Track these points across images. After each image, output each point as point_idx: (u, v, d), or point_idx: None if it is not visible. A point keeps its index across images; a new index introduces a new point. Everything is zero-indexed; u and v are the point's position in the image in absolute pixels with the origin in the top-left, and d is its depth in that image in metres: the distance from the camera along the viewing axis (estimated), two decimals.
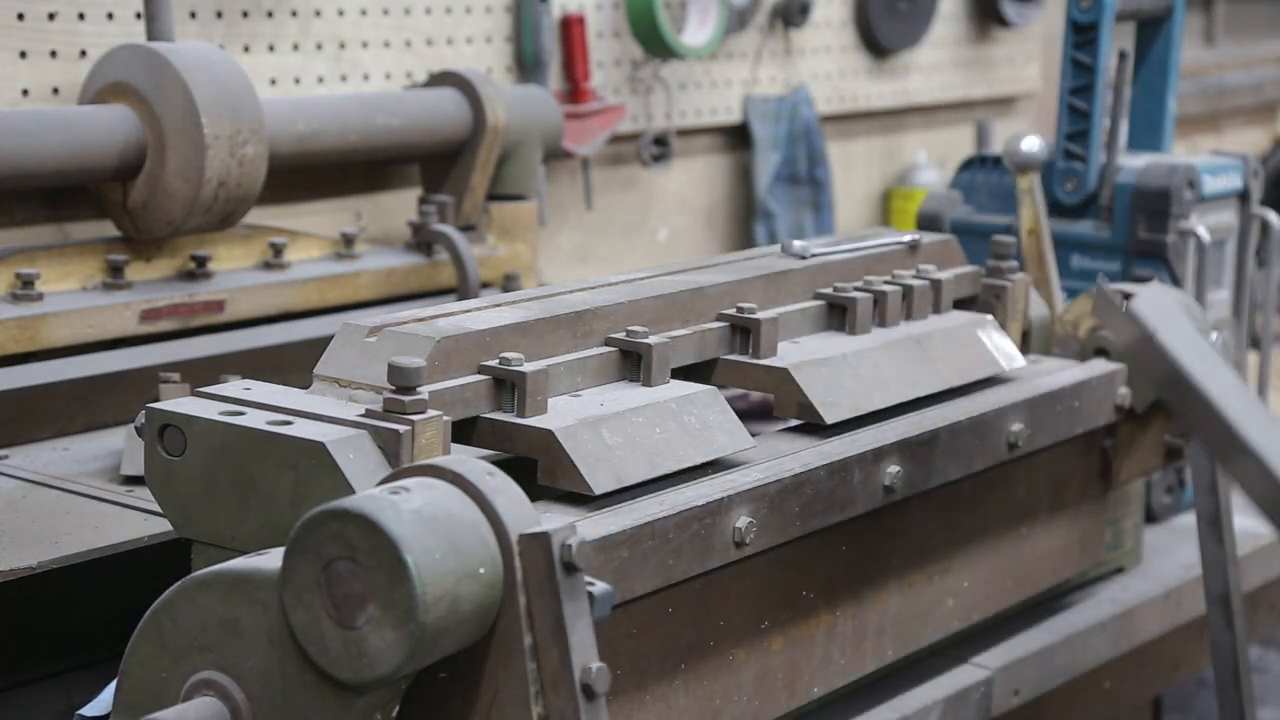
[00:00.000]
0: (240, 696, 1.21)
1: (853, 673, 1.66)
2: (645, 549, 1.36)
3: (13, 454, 1.84)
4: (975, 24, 3.57)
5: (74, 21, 2.19)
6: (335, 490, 1.26)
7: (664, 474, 1.45)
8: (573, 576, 1.18)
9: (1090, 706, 2.05)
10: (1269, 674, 3.69)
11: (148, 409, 1.38)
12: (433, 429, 1.31)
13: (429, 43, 2.60)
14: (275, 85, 2.40)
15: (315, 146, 2.28)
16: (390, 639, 1.13)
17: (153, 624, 1.25)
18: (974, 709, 1.79)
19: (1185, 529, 2.21)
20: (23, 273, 2.02)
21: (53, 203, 2.19)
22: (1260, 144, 4.47)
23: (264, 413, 1.35)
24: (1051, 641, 1.91)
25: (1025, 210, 2.22)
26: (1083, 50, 2.47)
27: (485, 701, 1.20)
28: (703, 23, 2.93)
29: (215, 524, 1.35)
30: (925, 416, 1.68)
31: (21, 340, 1.98)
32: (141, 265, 2.16)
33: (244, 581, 1.21)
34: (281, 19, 2.41)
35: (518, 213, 2.53)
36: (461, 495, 1.18)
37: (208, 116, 2.04)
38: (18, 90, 2.14)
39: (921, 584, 1.72)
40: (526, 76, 2.70)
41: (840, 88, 3.32)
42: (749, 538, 1.45)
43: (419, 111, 2.40)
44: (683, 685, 1.47)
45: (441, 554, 1.13)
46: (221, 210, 2.10)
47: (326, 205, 2.49)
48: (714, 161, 3.17)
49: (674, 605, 1.43)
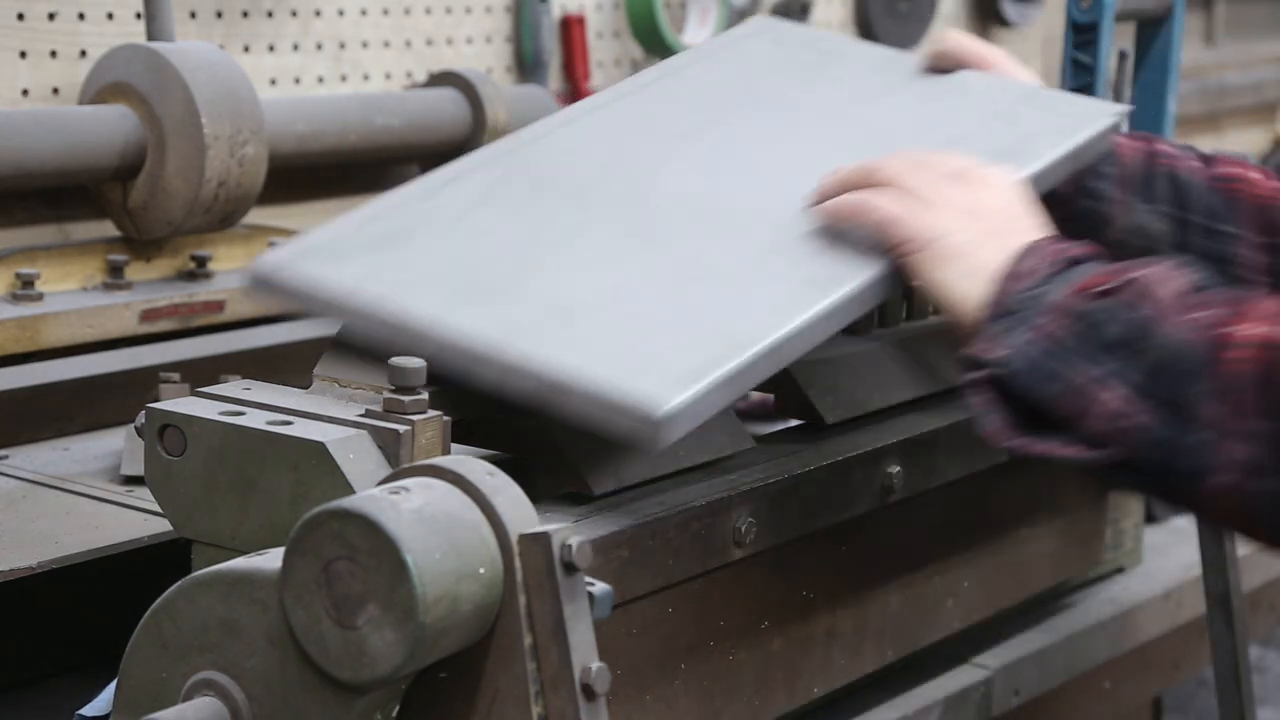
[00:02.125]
0: (240, 696, 1.21)
1: (853, 673, 1.66)
2: (645, 549, 1.36)
3: (13, 454, 1.84)
4: (975, 24, 3.57)
5: (74, 21, 2.19)
6: (335, 490, 1.26)
7: (664, 474, 1.45)
8: (573, 576, 1.18)
9: (1090, 706, 2.05)
10: (1269, 674, 3.69)
11: (148, 409, 1.38)
12: (433, 429, 1.31)
13: (429, 43, 2.60)
14: (275, 85, 2.40)
15: (315, 146, 2.28)
16: (390, 639, 1.13)
17: (153, 624, 1.25)
18: (974, 709, 1.79)
19: (1185, 529, 2.21)
20: (23, 273, 2.02)
21: (53, 203, 2.19)
22: (1260, 144, 4.47)
23: (264, 413, 1.35)
24: (1051, 641, 1.91)
25: None
26: (1083, 50, 2.47)
27: (485, 701, 1.20)
28: (703, 23, 2.93)
29: (215, 524, 1.34)
30: (925, 416, 1.68)
31: (21, 340, 1.98)
32: (141, 265, 2.16)
33: (244, 581, 1.21)
34: (281, 19, 2.41)
35: None
36: (461, 495, 1.18)
37: (208, 116, 2.04)
38: (18, 90, 2.14)
39: (921, 584, 1.72)
40: (526, 76, 2.70)
41: None
42: (749, 538, 1.45)
43: (419, 111, 2.40)
44: (683, 685, 1.47)
45: (441, 554, 1.13)
46: (221, 210, 2.11)
47: (326, 205, 2.49)
48: None
49: (674, 605, 1.43)
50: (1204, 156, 1.73)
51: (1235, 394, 1.21)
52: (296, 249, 1.46)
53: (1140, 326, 1.27)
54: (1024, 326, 1.31)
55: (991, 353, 1.32)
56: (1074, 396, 1.28)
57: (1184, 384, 1.23)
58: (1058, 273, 1.34)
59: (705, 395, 1.31)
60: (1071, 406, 1.28)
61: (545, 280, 1.43)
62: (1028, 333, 1.31)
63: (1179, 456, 1.24)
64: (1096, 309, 1.29)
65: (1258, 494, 1.21)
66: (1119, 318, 1.27)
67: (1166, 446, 1.24)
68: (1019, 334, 1.31)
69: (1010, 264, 1.36)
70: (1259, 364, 1.21)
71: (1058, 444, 1.30)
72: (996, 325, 1.33)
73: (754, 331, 1.37)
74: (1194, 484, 1.24)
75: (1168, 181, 1.70)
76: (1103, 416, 1.26)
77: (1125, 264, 1.33)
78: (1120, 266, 1.33)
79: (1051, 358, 1.29)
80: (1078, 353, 1.28)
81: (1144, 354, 1.25)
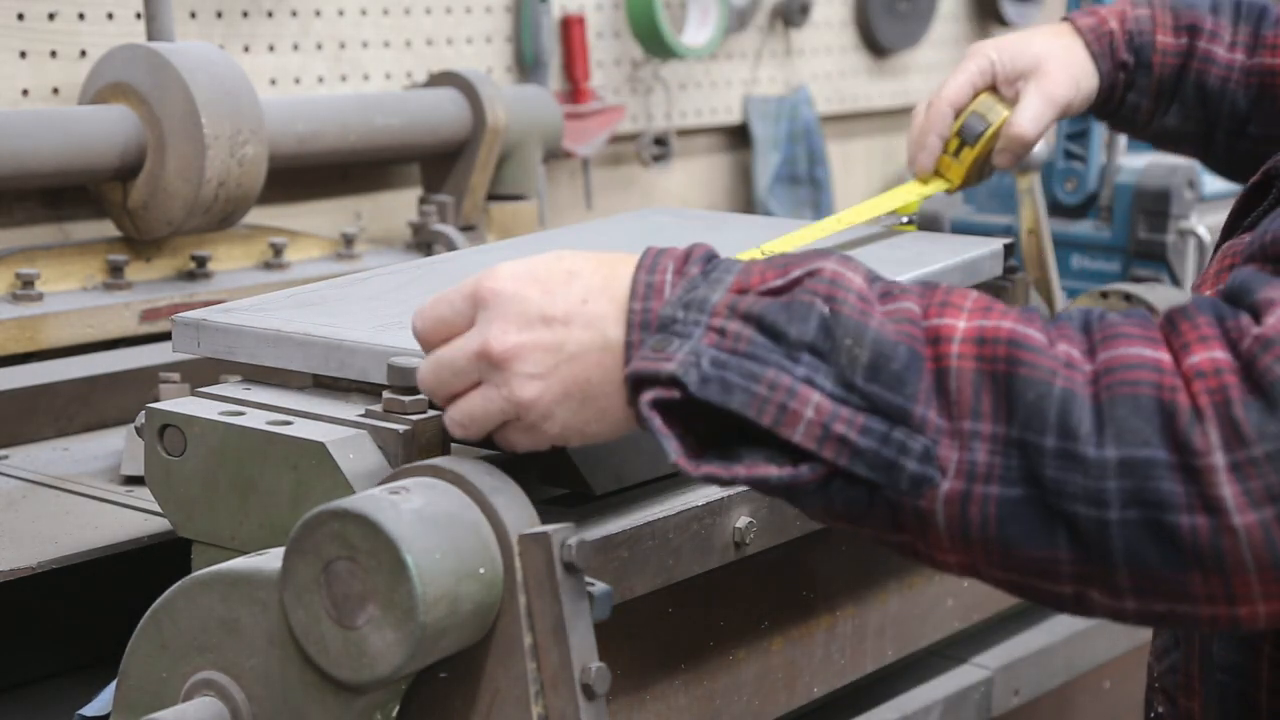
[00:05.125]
0: (240, 696, 1.21)
1: (853, 673, 1.66)
2: (645, 549, 1.36)
3: (13, 454, 1.84)
4: (975, 24, 3.57)
5: (74, 21, 2.19)
6: (335, 490, 1.26)
7: (664, 474, 1.45)
8: (573, 577, 1.18)
9: (1090, 706, 2.05)
10: None
11: (148, 409, 1.38)
12: (433, 429, 1.31)
13: (429, 43, 2.60)
14: (275, 85, 2.40)
15: (315, 146, 2.28)
16: (390, 639, 1.13)
17: (153, 624, 1.25)
18: (974, 709, 1.79)
19: None
20: (23, 273, 2.02)
21: (53, 203, 2.19)
22: None
23: (264, 413, 1.35)
24: (1051, 641, 1.91)
25: (1025, 210, 2.23)
26: None
27: (485, 701, 1.20)
28: (703, 23, 2.93)
29: (215, 524, 1.34)
30: None
31: (21, 340, 1.98)
32: (141, 265, 2.16)
33: (244, 581, 1.21)
34: (281, 19, 2.41)
35: (518, 213, 2.53)
36: (461, 495, 1.18)
37: (208, 116, 2.04)
38: (18, 90, 2.14)
39: (921, 584, 1.72)
40: (526, 76, 2.71)
41: (840, 88, 3.32)
42: (749, 538, 1.45)
43: (419, 111, 2.40)
44: (683, 685, 1.47)
45: (441, 554, 1.13)
46: (221, 210, 2.11)
47: (326, 205, 2.49)
48: (714, 161, 3.17)
49: (674, 605, 1.43)
50: (1257, 39, 1.80)
51: (957, 396, 1.05)
52: (219, 308, 1.52)
53: (835, 324, 1.08)
54: (687, 336, 1.11)
55: (657, 367, 1.10)
56: (762, 405, 1.07)
57: (894, 386, 1.06)
58: (702, 273, 1.14)
59: None
60: (771, 415, 1.07)
61: None
62: (695, 342, 1.10)
63: (898, 466, 1.05)
64: (775, 307, 1.09)
65: (985, 501, 1.05)
66: (807, 316, 1.08)
67: (882, 457, 1.05)
68: (683, 344, 1.10)
69: (634, 282, 1.16)
70: (981, 360, 1.05)
71: (760, 464, 1.08)
72: (652, 340, 1.12)
73: None
74: (912, 497, 1.06)
75: (1195, 90, 1.80)
76: (811, 423, 1.06)
77: (784, 256, 1.14)
78: (781, 259, 1.14)
79: (729, 366, 1.08)
80: (758, 357, 1.08)
81: (843, 354, 1.07)
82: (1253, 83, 1.79)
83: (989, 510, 1.05)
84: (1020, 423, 1.04)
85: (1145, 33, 1.81)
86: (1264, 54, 1.79)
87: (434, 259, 1.78)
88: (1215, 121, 1.81)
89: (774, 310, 1.09)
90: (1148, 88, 1.80)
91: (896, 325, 1.07)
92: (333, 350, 1.40)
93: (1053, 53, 1.80)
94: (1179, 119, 1.82)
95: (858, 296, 1.09)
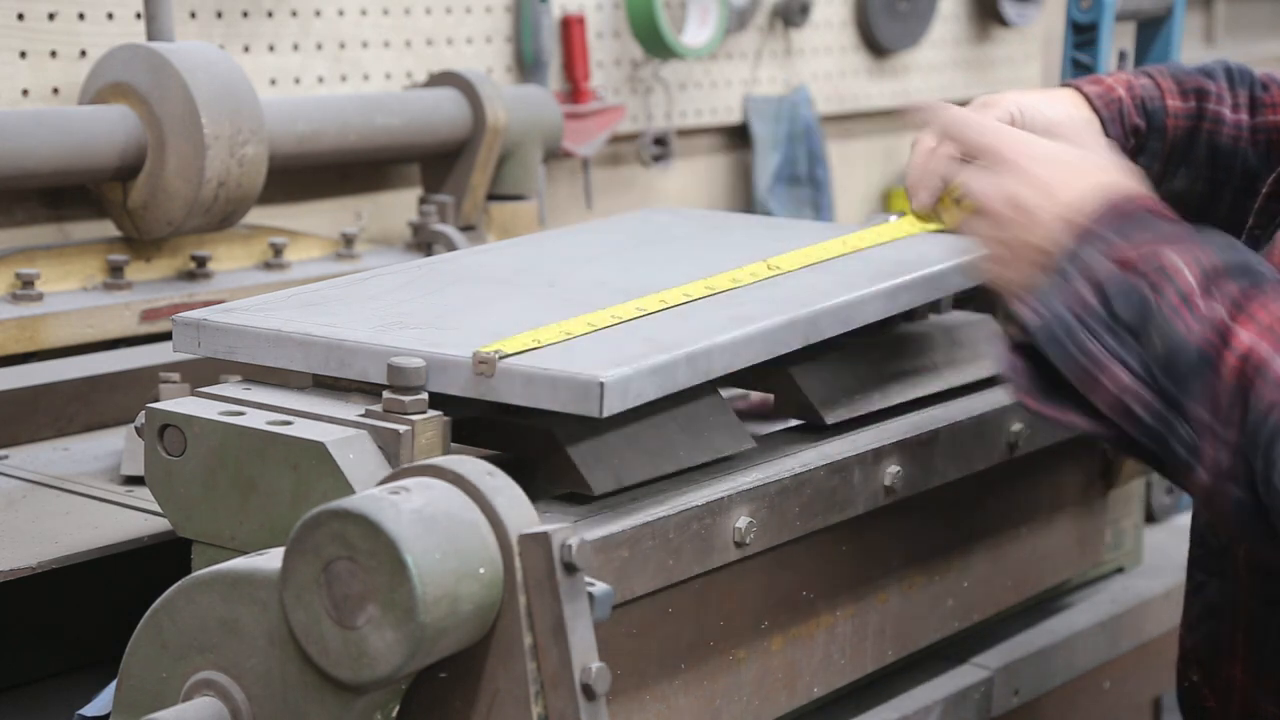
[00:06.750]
0: (240, 696, 1.21)
1: (853, 673, 1.66)
2: (645, 549, 1.36)
3: (13, 454, 1.84)
4: (975, 24, 3.57)
5: (74, 21, 2.19)
6: (335, 490, 1.26)
7: (664, 474, 1.45)
8: (573, 576, 1.18)
9: (1090, 706, 2.05)
10: None
11: (148, 409, 1.38)
12: (433, 429, 1.31)
13: (429, 43, 2.60)
14: (275, 85, 2.40)
15: (315, 146, 2.28)
16: (390, 639, 1.13)
17: (153, 624, 1.25)
18: (974, 709, 1.79)
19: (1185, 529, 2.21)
20: (23, 273, 2.02)
21: (53, 203, 2.19)
22: None
23: (264, 413, 1.35)
24: (1051, 641, 1.91)
25: None
26: (1083, 50, 2.47)
27: (485, 701, 1.20)
28: (703, 23, 2.93)
29: (215, 524, 1.35)
30: (925, 416, 1.68)
31: (21, 340, 1.98)
32: (141, 265, 2.16)
33: (244, 581, 1.21)
34: (281, 19, 2.41)
35: (518, 213, 2.53)
36: (461, 495, 1.19)
37: (208, 116, 2.04)
38: (18, 90, 2.14)
39: (921, 584, 1.72)
40: (526, 76, 2.71)
41: (840, 88, 3.32)
42: (749, 538, 1.45)
43: (419, 111, 2.40)
44: (683, 685, 1.47)
45: (441, 554, 1.13)
46: (221, 210, 2.11)
47: (326, 205, 2.49)
48: (714, 161, 3.17)
49: (674, 605, 1.43)
50: (1254, 101, 1.84)
51: (1218, 399, 1.25)
52: (220, 308, 1.52)
53: (1150, 312, 1.29)
54: (1059, 290, 1.33)
55: (1027, 315, 1.35)
56: (1085, 368, 1.30)
57: (1179, 380, 1.27)
58: (1117, 228, 1.34)
59: (639, 376, 1.36)
60: (1081, 377, 1.31)
61: (471, 318, 1.49)
62: (1061, 296, 1.32)
63: (1170, 446, 1.28)
64: (1119, 283, 1.30)
65: (1226, 497, 1.26)
66: (1133, 298, 1.29)
67: (1160, 435, 1.29)
68: (1053, 297, 1.33)
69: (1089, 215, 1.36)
70: (1238, 375, 1.25)
71: (1071, 411, 1.33)
72: (1044, 282, 1.35)
73: (680, 341, 1.43)
74: (1181, 475, 1.30)
75: (1207, 150, 1.83)
76: (1109, 392, 1.29)
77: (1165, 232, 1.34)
78: (1155, 237, 1.33)
79: (1073, 327, 1.31)
80: (1095, 325, 1.30)
81: (1149, 341, 1.28)
82: (1260, 139, 1.83)
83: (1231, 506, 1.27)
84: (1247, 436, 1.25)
85: (1155, 98, 1.83)
86: (1267, 113, 1.84)
87: (434, 259, 1.78)
88: (1224, 180, 1.85)
89: (1115, 286, 1.30)
90: (1159, 151, 1.83)
91: (1198, 325, 1.27)
92: (333, 350, 1.40)
93: (1071, 118, 1.80)
94: (1187, 180, 1.85)
95: (1183, 290, 1.28)
